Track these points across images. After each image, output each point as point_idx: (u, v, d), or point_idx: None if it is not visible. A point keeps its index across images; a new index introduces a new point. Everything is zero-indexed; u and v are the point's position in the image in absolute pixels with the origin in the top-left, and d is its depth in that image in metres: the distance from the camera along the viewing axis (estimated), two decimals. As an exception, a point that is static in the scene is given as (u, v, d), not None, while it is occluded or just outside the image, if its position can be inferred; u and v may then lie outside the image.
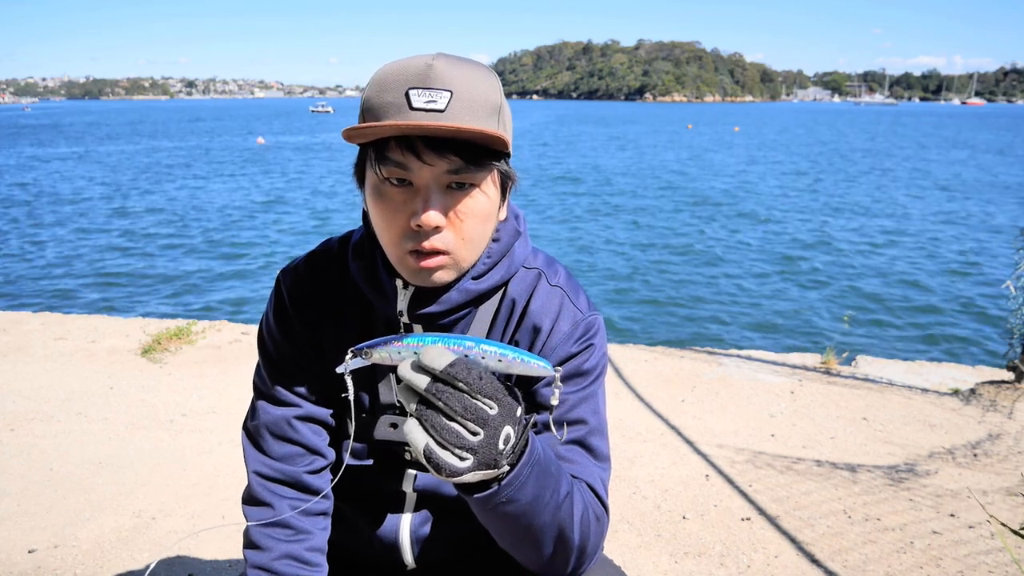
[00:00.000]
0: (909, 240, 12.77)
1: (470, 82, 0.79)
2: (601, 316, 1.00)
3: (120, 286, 9.51)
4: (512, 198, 0.96)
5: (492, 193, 0.86)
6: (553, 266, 1.01)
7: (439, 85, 0.77)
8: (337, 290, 0.99)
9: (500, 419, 0.69)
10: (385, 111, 0.79)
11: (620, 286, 9.70)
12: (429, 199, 0.80)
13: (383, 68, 0.82)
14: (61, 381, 3.61)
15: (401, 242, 0.83)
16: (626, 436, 3.02)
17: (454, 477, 0.68)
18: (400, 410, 0.99)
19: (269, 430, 1.00)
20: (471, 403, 0.68)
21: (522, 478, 0.74)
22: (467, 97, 0.79)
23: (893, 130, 64.53)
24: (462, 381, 0.68)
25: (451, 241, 0.83)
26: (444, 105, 0.77)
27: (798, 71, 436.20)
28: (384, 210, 0.83)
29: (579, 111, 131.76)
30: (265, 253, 11.77)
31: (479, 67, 0.83)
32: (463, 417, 0.67)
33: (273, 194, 18.81)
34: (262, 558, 0.97)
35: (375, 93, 0.80)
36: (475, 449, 0.68)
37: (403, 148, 0.78)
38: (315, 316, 0.99)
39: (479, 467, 0.68)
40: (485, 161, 0.81)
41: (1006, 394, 3.46)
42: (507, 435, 0.70)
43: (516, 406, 0.72)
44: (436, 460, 0.67)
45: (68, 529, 2.31)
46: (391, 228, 0.83)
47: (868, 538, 2.27)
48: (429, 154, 0.78)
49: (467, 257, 0.86)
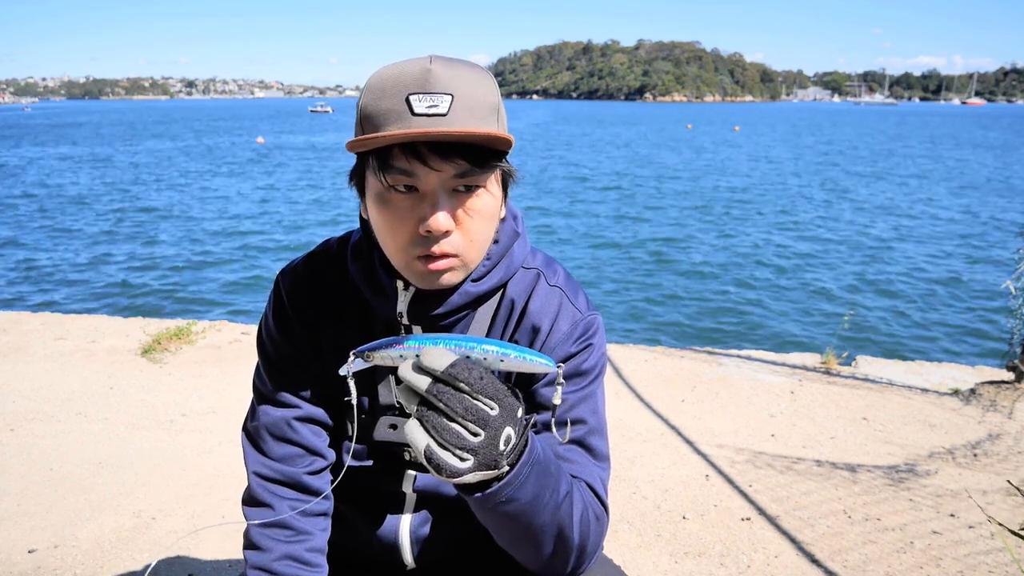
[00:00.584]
0: (909, 239, 12.76)
1: (469, 84, 0.79)
2: (600, 316, 1.00)
3: (120, 286, 9.51)
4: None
5: (496, 192, 0.86)
6: (552, 266, 1.01)
7: (439, 89, 0.77)
8: (336, 291, 0.99)
9: (501, 420, 0.69)
10: (386, 118, 0.78)
11: (621, 285, 9.70)
12: (437, 204, 0.79)
13: (378, 73, 0.81)
14: (61, 381, 3.61)
15: (409, 248, 0.82)
16: (626, 436, 3.02)
17: (454, 478, 0.68)
18: (399, 411, 0.99)
19: (269, 431, 1.00)
20: (472, 404, 0.68)
21: (521, 477, 0.73)
22: (468, 99, 0.78)
23: (899, 130, 64.48)
24: (463, 382, 0.68)
25: (460, 243, 0.83)
26: (446, 109, 0.77)
27: (798, 71, 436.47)
28: (390, 217, 0.82)
29: (580, 111, 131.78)
30: (266, 253, 11.77)
31: (475, 68, 0.82)
32: (464, 418, 0.67)
33: (273, 194, 18.82)
34: (262, 559, 0.97)
35: (373, 100, 0.79)
36: (476, 450, 0.68)
37: (408, 155, 0.77)
38: (314, 317, 0.99)
39: (479, 468, 0.68)
40: (490, 162, 0.80)
41: (1006, 394, 3.46)
42: (508, 436, 0.70)
43: (517, 406, 0.72)
44: (437, 461, 0.67)
45: (68, 529, 2.31)
46: (398, 235, 0.82)
47: (868, 538, 2.27)
48: (435, 160, 0.77)
49: (475, 258, 0.86)
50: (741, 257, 11.37)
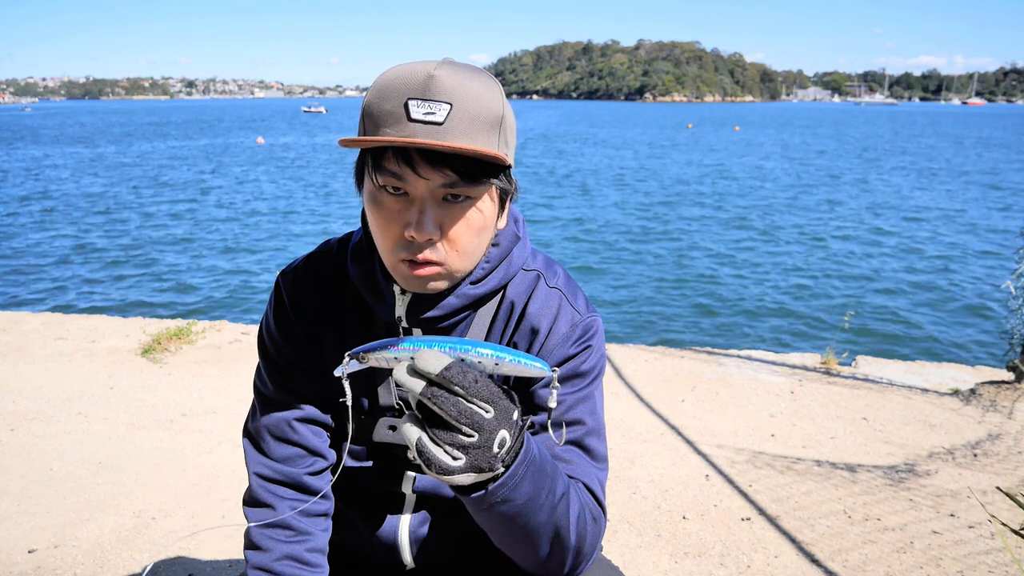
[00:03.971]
0: (909, 239, 12.76)
1: (471, 94, 0.78)
2: (600, 317, 1.00)
3: (120, 285, 9.51)
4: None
5: (488, 207, 0.85)
6: (552, 268, 1.01)
7: (439, 97, 0.76)
8: (336, 292, 0.99)
9: (495, 423, 0.70)
10: (383, 120, 0.78)
11: (621, 285, 9.70)
12: (424, 211, 0.80)
13: (387, 73, 0.81)
14: (61, 381, 3.61)
15: (395, 250, 0.83)
16: (626, 436, 3.02)
17: (445, 475, 0.68)
18: (398, 412, 0.99)
19: (270, 432, 1.01)
20: (466, 407, 0.68)
21: (516, 478, 0.74)
22: (467, 110, 0.77)
23: (909, 129, 64.47)
24: (457, 385, 0.68)
25: (444, 253, 0.83)
26: (443, 118, 0.76)
27: (798, 71, 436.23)
28: (379, 218, 0.83)
29: (580, 111, 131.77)
30: (266, 252, 11.77)
31: (483, 77, 0.82)
32: (458, 421, 0.68)
33: (272, 193, 18.82)
34: (263, 559, 0.98)
35: (375, 99, 0.80)
36: (468, 450, 0.68)
37: (399, 160, 0.78)
38: (314, 318, 0.99)
39: (471, 469, 0.69)
40: (481, 177, 0.80)
41: (1006, 394, 3.46)
42: (503, 439, 0.70)
43: (513, 409, 0.72)
44: (428, 455, 0.68)
45: (68, 529, 2.31)
46: (386, 236, 0.83)
47: (868, 538, 2.27)
48: (425, 168, 0.77)
49: (460, 268, 0.86)
50: (741, 257, 11.37)
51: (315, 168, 26.31)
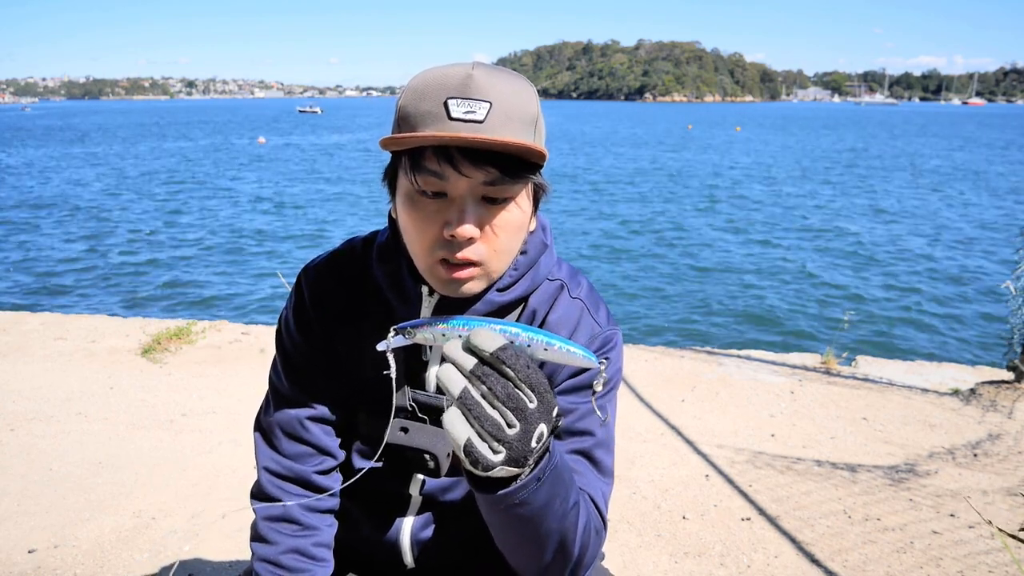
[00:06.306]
0: (909, 239, 12.76)
1: (509, 93, 0.79)
2: (620, 331, 1.00)
3: (120, 285, 9.51)
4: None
5: (525, 205, 0.85)
6: (576, 278, 1.01)
7: (478, 96, 0.77)
8: (358, 292, 0.99)
9: (537, 415, 0.68)
10: (423, 120, 0.78)
11: (623, 284, 9.70)
12: (464, 210, 0.79)
13: (421, 75, 0.81)
14: (61, 381, 3.61)
15: (432, 251, 0.82)
16: (626, 436, 3.02)
17: (487, 471, 0.67)
18: (411, 415, 0.98)
19: (282, 428, 1.01)
20: (514, 392, 0.67)
21: (541, 480, 0.73)
22: (506, 108, 0.78)
23: (920, 130, 64.48)
24: (509, 367, 0.66)
25: (483, 252, 0.82)
26: (483, 116, 0.76)
27: (798, 71, 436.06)
28: (417, 219, 0.82)
29: (580, 111, 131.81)
30: (266, 253, 11.77)
31: (517, 78, 0.82)
32: (505, 404, 0.66)
33: (272, 193, 18.82)
34: (269, 551, 0.99)
35: (412, 101, 0.79)
36: (509, 443, 0.67)
37: (440, 158, 0.77)
38: (334, 317, 0.99)
39: (509, 462, 0.67)
40: (522, 174, 0.80)
41: (1006, 394, 3.46)
42: (540, 433, 0.69)
43: (555, 404, 0.71)
44: (475, 455, 0.66)
45: (68, 529, 2.31)
46: (423, 237, 0.82)
47: (868, 538, 2.27)
48: (467, 165, 0.77)
49: (498, 268, 0.86)
50: (741, 257, 11.36)
51: (316, 168, 26.31)
